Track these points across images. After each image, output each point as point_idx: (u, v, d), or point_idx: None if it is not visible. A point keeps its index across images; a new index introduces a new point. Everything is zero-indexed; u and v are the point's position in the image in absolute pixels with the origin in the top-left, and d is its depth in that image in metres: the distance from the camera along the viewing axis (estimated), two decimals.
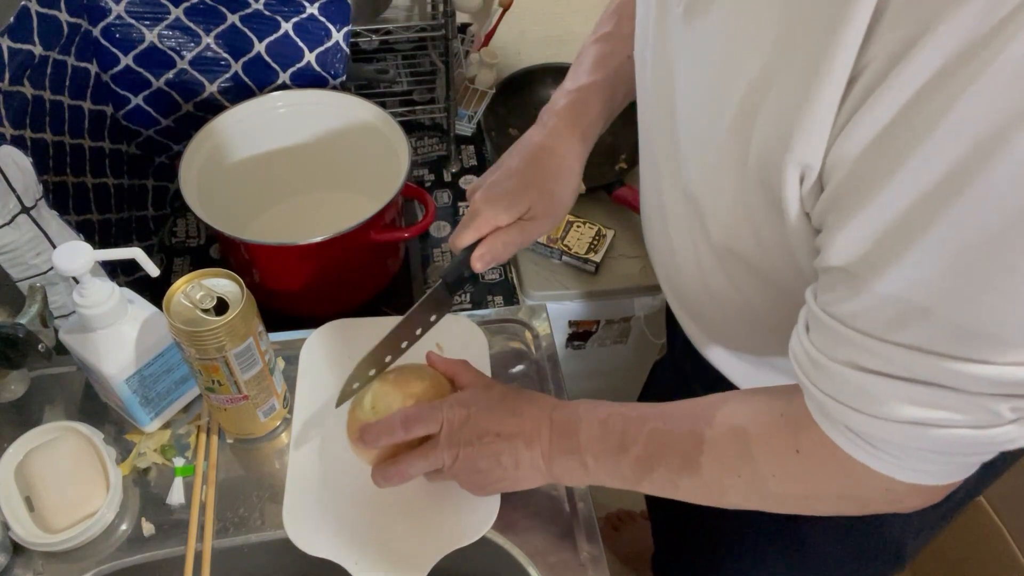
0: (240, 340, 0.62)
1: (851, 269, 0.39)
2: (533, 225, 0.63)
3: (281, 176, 0.99)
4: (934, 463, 0.44)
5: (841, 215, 0.39)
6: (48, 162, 0.77)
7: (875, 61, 0.35)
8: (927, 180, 0.34)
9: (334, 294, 0.91)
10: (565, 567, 0.66)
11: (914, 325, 0.38)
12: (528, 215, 0.63)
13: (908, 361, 0.39)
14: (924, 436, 0.42)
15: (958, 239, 0.35)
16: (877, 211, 0.37)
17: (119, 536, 0.66)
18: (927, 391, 0.40)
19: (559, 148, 0.65)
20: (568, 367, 0.83)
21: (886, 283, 0.38)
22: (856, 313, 0.41)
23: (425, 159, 1.17)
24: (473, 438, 0.59)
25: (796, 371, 0.47)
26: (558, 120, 0.66)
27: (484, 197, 0.63)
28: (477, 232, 0.62)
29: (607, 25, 0.71)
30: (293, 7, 0.91)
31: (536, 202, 0.63)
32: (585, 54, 0.70)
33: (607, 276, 1.09)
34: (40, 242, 0.70)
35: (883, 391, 0.41)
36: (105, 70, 0.89)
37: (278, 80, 0.93)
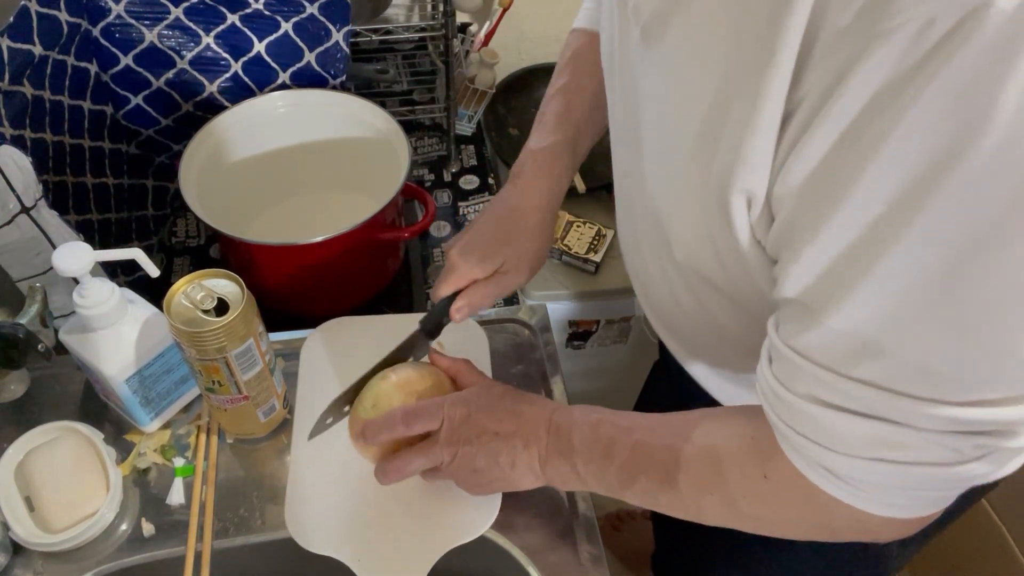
0: (240, 341, 0.62)
1: (806, 301, 0.39)
2: (508, 278, 0.68)
3: (281, 176, 0.99)
4: (903, 498, 0.44)
5: (791, 248, 0.39)
6: (48, 162, 0.77)
7: (809, 96, 0.36)
8: (869, 215, 0.34)
9: (334, 294, 0.91)
10: (565, 567, 0.66)
11: (869, 361, 0.38)
12: (502, 269, 0.68)
13: (866, 397, 0.39)
14: (888, 472, 0.41)
15: (906, 275, 0.34)
16: (823, 245, 0.37)
17: (119, 536, 0.66)
18: (886, 428, 0.39)
19: (525, 205, 0.70)
20: (568, 367, 0.83)
21: (839, 318, 0.38)
22: (813, 346, 0.40)
23: (425, 159, 1.17)
24: (472, 436, 0.60)
25: (762, 402, 0.47)
26: (525, 182, 0.71)
27: (460, 253, 0.68)
28: (454, 285, 0.67)
29: (564, 76, 0.74)
30: (293, 7, 0.91)
31: (509, 257, 0.68)
32: (547, 109, 0.74)
33: (607, 276, 1.09)
34: (40, 242, 0.70)
35: (843, 427, 0.41)
36: (105, 70, 0.89)
37: (278, 80, 0.93)
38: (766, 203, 0.41)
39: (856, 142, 0.34)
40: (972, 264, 0.33)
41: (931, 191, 0.32)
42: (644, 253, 0.63)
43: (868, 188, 0.34)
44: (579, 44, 0.75)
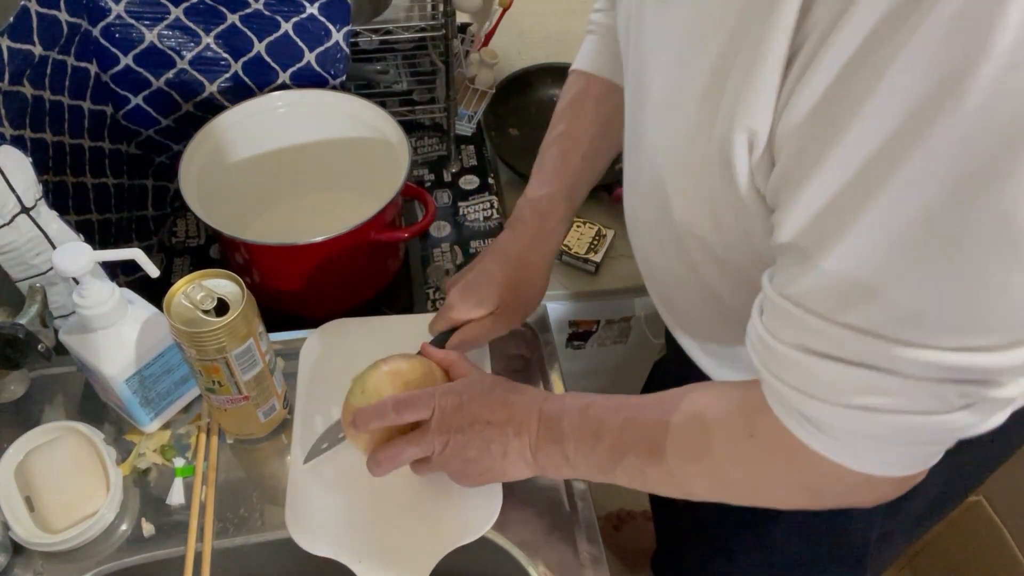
0: (240, 341, 0.62)
1: (801, 245, 0.39)
2: (502, 320, 0.72)
3: (281, 176, 0.99)
4: (885, 452, 0.44)
5: (790, 189, 0.39)
6: (48, 162, 0.77)
7: (813, 32, 0.36)
8: (867, 149, 0.34)
9: (334, 294, 0.91)
10: (565, 567, 0.66)
11: (860, 305, 0.38)
12: (497, 312, 0.71)
13: (855, 344, 0.39)
14: (872, 422, 0.41)
15: (901, 212, 0.34)
16: (821, 183, 0.37)
17: (119, 536, 0.66)
18: (873, 376, 0.39)
19: (526, 254, 0.73)
20: (568, 367, 0.83)
21: (833, 259, 0.37)
22: (806, 292, 0.40)
23: (425, 159, 1.17)
24: (464, 425, 0.60)
25: (751, 355, 0.47)
26: (525, 227, 0.74)
27: (459, 294, 0.72)
28: (450, 323, 0.72)
29: (562, 123, 0.77)
30: (293, 7, 0.91)
31: (505, 301, 0.71)
32: (545, 157, 0.76)
33: (607, 276, 1.09)
34: (40, 242, 0.70)
35: (831, 375, 0.41)
36: (105, 70, 0.89)
37: (278, 80, 0.93)
38: (768, 144, 0.41)
39: (857, 74, 0.34)
40: (967, 199, 0.32)
41: (930, 123, 0.32)
42: (645, 221, 0.63)
43: (867, 121, 0.34)
44: (578, 89, 0.77)
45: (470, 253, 1.05)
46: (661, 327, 1.19)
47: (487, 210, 1.10)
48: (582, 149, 0.75)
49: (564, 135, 0.76)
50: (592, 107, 0.75)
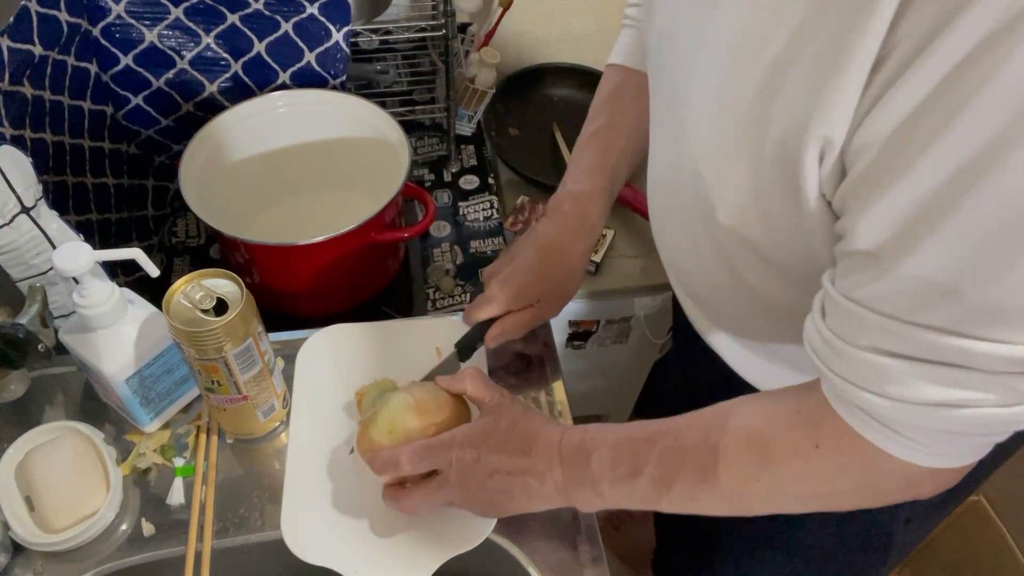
0: (239, 340, 0.62)
1: (877, 251, 0.39)
2: (540, 311, 0.73)
3: (281, 176, 0.99)
4: (955, 445, 0.44)
5: (867, 197, 0.39)
6: (48, 162, 0.77)
7: (905, 40, 0.36)
8: (958, 159, 0.34)
9: (334, 294, 0.91)
10: (565, 567, 0.66)
11: (940, 306, 0.38)
12: (537, 304, 0.72)
13: (933, 343, 0.39)
14: (949, 417, 0.41)
15: (988, 217, 0.35)
16: (906, 191, 0.37)
17: (119, 536, 0.67)
18: (952, 372, 0.40)
19: (566, 244, 0.73)
20: (568, 367, 0.83)
21: (913, 264, 0.38)
22: (881, 296, 0.40)
23: (425, 159, 1.17)
24: (484, 477, 0.59)
25: (813, 359, 0.47)
26: (565, 219, 0.74)
27: (500, 287, 0.71)
28: (490, 313, 0.71)
29: (601, 117, 0.77)
30: (293, 7, 0.91)
31: (545, 292, 0.72)
32: (584, 150, 0.77)
33: (607, 276, 1.09)
34: (40, 242, 0.70)
35: (908, 374, 0.41)
36: (105, 70, 0.89)
37: (278, 80, 0.93)
38: (840, 153, 0.41)
39: (954, 88, 0.34)
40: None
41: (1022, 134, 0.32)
42: (680, 223, 0.63)
43: (960, 133, 0.34)
44: (616, 83, 0.77)
45: (470, 253, 1.05)
46: (661, 327, 1.19)
47: (487, 210, 1.10)
48: (621, 143, 0.75)
49: (604, 129, 0.76)
50: (630, 101, 0.75)
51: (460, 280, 1.02)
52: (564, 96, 1.27)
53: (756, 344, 0.68)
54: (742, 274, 0.58)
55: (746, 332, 0.68)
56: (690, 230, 0.61)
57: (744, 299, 0.61)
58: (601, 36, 1.35)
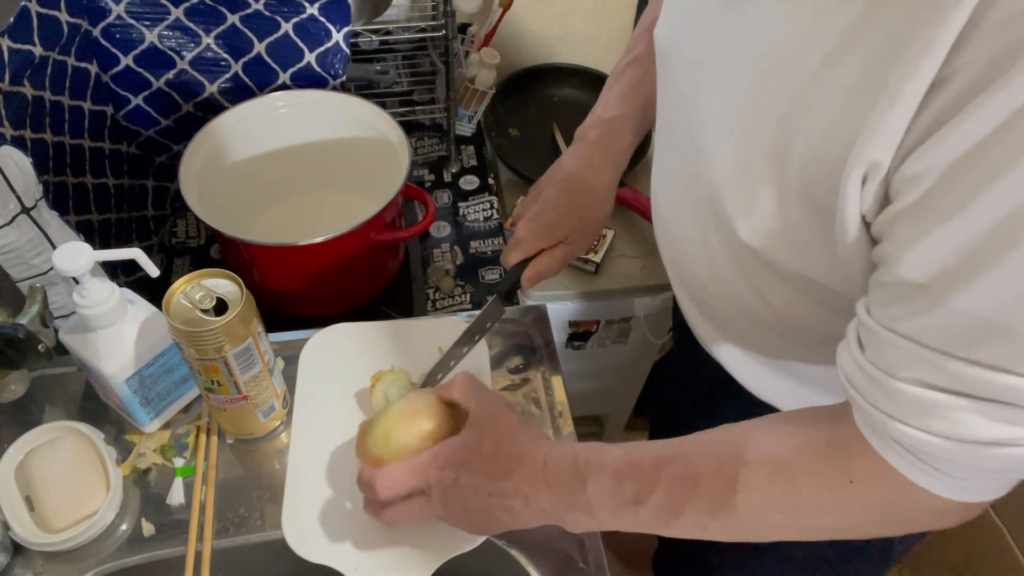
0: (239, 340, 0.62)
1: (926, 283, 0.38)
2: (571, 247, 0.72)
3: (281, 176, 0.99)
4: (992, 480, 0.43)
5: (918, 227, 0.37)
6: (48, 162, 0.77)
7: (970, 67, 0.34)
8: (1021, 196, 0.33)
9: (334, 294, 0.91)
10: (565, 567, 0.66)
11: (992, 343, 0.37)
12: (566, 239, 0.71)
13: (982, 378, 0.38)
14: (995, 456, 0.40)
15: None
16: (965, 224, 0.35)
17: (119, 536, 0.67)
18: (1001, 409, 0.38)
19: (591, 178, 0.72)
20: (568, 367, 0.83)
21: (966, 299, 0.36)
22: (927, 329, 0.39)
23: (425, 159, 1.17)
24: (465, 499, 0.57)
25: (848, 390, 0.45)
26: (590, 149, 0.73)
27: (528, 227, 0.71)
28: (523, 253, 0.72)
29: (640, 45, 0.74)
30: (293, 7, 0.91)
31: (574, 228, 0.72)
32: (618, 78, 0.75)
33: (607, 276, 1.09)
34: (40, 242, 0.70)
35: (954, 409, 0.39)
36: (105, 70, 0.89)
37: (278, 80, 0.93)
38: (885, 177, 0.39)
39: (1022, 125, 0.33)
40: None
41: None
42: (686, 223, 0.61)
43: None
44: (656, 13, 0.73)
45: (470, 253, 1.05)
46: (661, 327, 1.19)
47: (487, 210, 1.10)
48: None
49: (642, 58, 0.74)
50: None
51: (460, 280, 1.02)
52: (564, 96, 1.27)
53: (762, 356, 0.67)
54: (758, 287, 0.57)
55: (752, 344, 0.66)
56: (703, 239, 0.59)
57: (754, 310, 0.60)
58: (601, 36, 1.35)
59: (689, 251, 0.63)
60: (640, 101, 0.73)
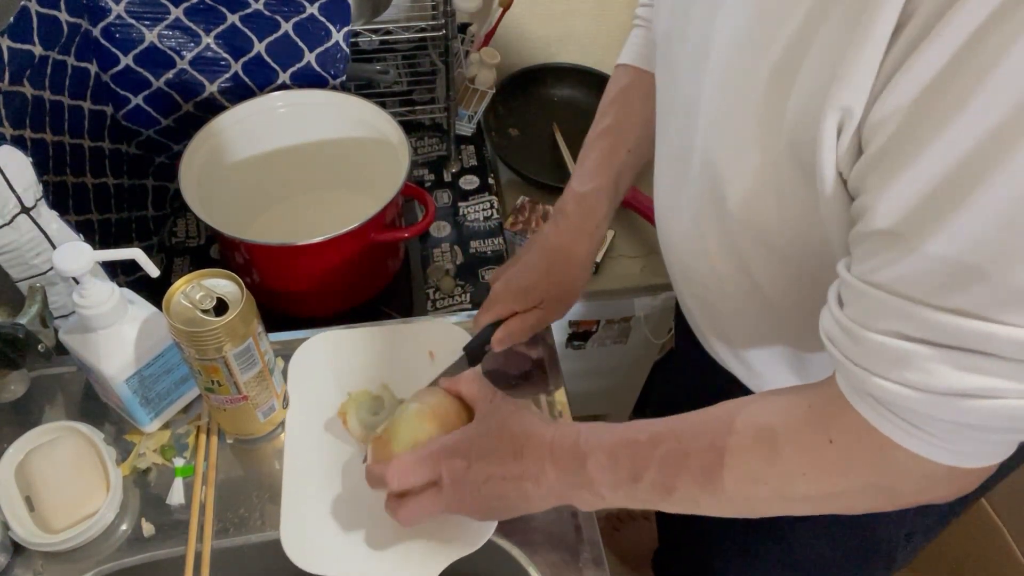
0: (239, 340, 0.62)
1: (898, 230, 0.38)
2: (545, 313, 0.73)
3: (281, 176, 0.99)
4: (976, 441, 0.43)
5: (886, 173, 0.38)
6: (48, 162, 0.77)
7: (924, 5, 0.34)
8: (982, 130, 0.33)
9: (334, 294, 0.91)
10: (565, 567, 0.66)
11: (965, 288, 0.37)
12: (541, 304, 0.72)
13: (956, 326, 0.37)
14: (970, 408, 0.39)
15: (1016, 191, 0.33)
16: (928, 164, 0.35)
17: (119, 536, 0.67)
18: (974, 358, 0.38)
19: (570, 248, 0.74)
20: (568, 367, 0.83)
21: (936, 243, 0.36)
22: (901, 278, 0.39)
23: (425, 159, 1.17)
24: (478, 484, 0.58)
25: (829, 348, 0.45)
26: (568, 223, 0.74)
27: (504, 288, 0.73)
28: (496, 315, 0.72)
29: (608, 117, 0.76)
30: (293, 7, 0.91)
31: (549, 293, 0.72)
32: (590, 150, 0.76)
33: (607, 276, 1.09)
34: (40, 242, 0.70)
35: (928, 359, 0.39)
36: (105, 70, 0.89)
37: (278, 80, 0.93)
38: (858, 127, 0.39)
39: (975, 55, 0.33)
40: None
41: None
42: (688, 216, 0.62)
43: (984, 103, 0.33)
44: (625, 83, 0.77)
45: (470, 253, 1.05)
46: (661, 327, 1.19)
47: (487, 210, 1.10)
48: (629, 143, 0.75)
49: (611, 129, 0.76)
50: (639, 102, 0.75)
51: (460, 280, 1.02)
52: (564, 96, 1.27)
53: (759, 351, 0.67)
54: (752, 271, 0.57)
55: (750, 338, 0.67)
56: (699, 224, 0.60)
57: (751, 299, 0.61)
58: (601, 36, 1.35)
59: (687, 240, 0.64)
60: (612, 173, 0.74)
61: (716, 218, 0.56)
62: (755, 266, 0.57)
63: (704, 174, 0.55)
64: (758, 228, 0.52)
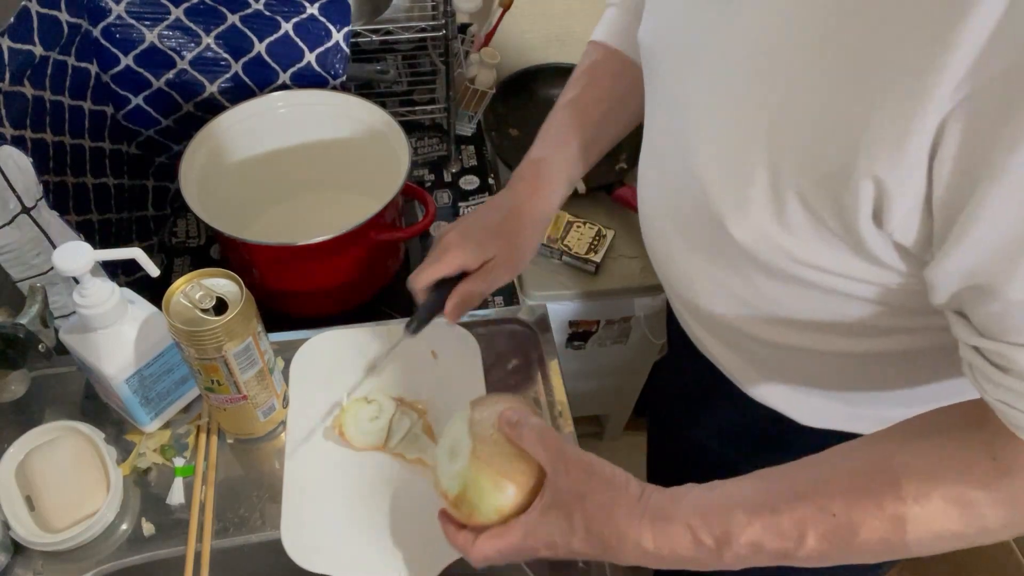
0: (239, 340, 0.62)
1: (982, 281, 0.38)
2: (496, 273, 0.68)
3: (281, 176, 0.99)
4: None
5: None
6: (48, 162, 0.77)
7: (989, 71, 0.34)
8: None
9: (334, 294, 0.91)
10: (565, 567, 0.66)
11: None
12: (492, 263, 0.68)
13: None
14: None
15: None
16: None
17: (119, 536, 0.67)
18: None
19: (521, 207, 0.71)
20: (568, 367, 0.83)
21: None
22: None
23: (425, 159, 1.17)
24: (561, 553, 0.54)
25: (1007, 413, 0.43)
26: (523, 187, 0.72)
27: (457, 238, 0.67)
28: (446, 268, 0.66)
29: (575, 89, 0.74)
30: (293, 7, 0.91)
31: (501, 250, 0.68)
32: (552, 120, 0.74)
33: (607, 276, 1.09)
34: (40, 242, 0.70)
35: None
36: (105, 70, 0.89)
37: (278, 80, 0.93)
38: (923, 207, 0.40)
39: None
40: None
41: None
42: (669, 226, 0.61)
43: None
44: (595, 59, 0.75)
45: None
46: (661, 327, 1.19)
47: None
48: (593, 115, 0.73)
49: (576, 101, 0.74)
50: (608, 80, 0.74)
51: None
52: None
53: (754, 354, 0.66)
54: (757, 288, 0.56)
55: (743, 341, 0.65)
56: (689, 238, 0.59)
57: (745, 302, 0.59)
58: None
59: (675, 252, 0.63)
60: (572, 143, 0.72)
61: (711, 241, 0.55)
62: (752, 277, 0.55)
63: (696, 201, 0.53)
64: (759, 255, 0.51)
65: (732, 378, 0.71)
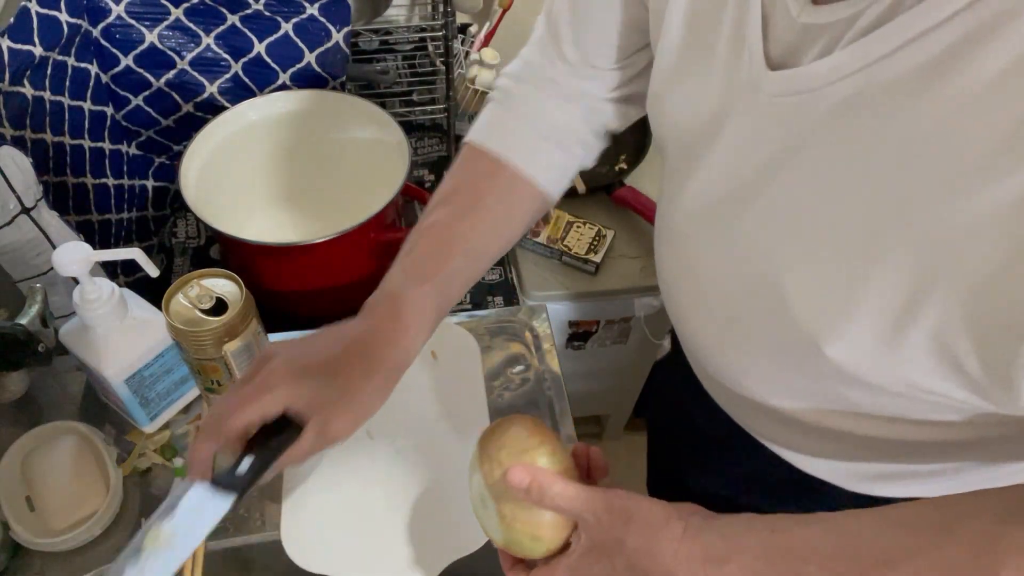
0: (239, 340, 0.62)
1: None
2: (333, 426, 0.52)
3: (281, 176, 0.99)
4: None
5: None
6: (48, 163, 0.77)
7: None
8: None
9: (334, 294, 0.91)
10: None
11: None
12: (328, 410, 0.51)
13: None
14: None
15: None
16: None
17: (119, 536, 0.66)
18: None
19: (374, 349, 0.55)
20: (568, 367, 0.83)
21: None
22: None
23: (425, 159, 1.17)
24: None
25: None
26: (376, 325, 0.57)
27: (285, 370, 0.51)
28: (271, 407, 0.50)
29: (445, 208, 0.62)
30: (293, 7, 0.91)
31: (342, 395, 0.52)
32: (416, 244, 0.61)
33: (607, 276, 1.09)
34: (40, 242, 0.70)
35: None
36: (105, 71, 0.89)
37: (278, 80, 0.93)
38: None
39: None
40: None
41: None
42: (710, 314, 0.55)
43: None
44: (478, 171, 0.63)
45: None
46: (661, 327, 1.19)
47: None
48: (465, 245, 0.60)
49: (437, 225, 0.61)
50: (492, 199, 0.62)
51: None
52: None
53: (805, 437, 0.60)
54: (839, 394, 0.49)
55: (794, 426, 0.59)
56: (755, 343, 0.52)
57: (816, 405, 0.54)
58: None
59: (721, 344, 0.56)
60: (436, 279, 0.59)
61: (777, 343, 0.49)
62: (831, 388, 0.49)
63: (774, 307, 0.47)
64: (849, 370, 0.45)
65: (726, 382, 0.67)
